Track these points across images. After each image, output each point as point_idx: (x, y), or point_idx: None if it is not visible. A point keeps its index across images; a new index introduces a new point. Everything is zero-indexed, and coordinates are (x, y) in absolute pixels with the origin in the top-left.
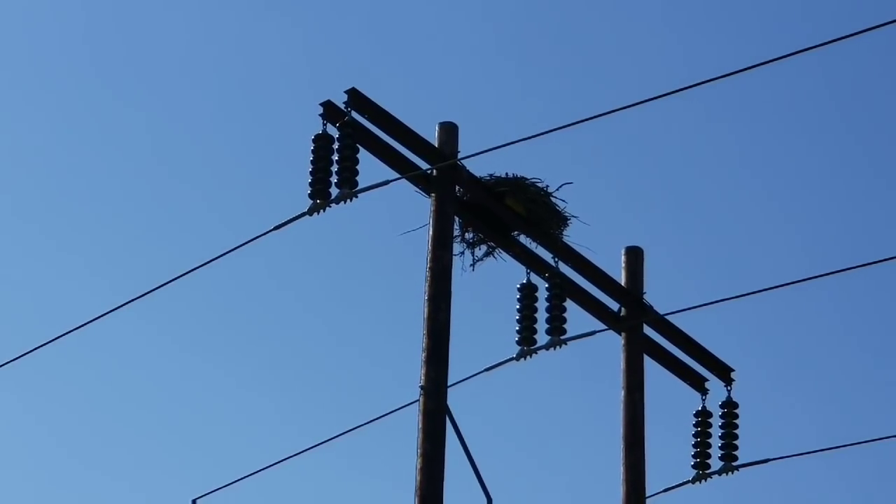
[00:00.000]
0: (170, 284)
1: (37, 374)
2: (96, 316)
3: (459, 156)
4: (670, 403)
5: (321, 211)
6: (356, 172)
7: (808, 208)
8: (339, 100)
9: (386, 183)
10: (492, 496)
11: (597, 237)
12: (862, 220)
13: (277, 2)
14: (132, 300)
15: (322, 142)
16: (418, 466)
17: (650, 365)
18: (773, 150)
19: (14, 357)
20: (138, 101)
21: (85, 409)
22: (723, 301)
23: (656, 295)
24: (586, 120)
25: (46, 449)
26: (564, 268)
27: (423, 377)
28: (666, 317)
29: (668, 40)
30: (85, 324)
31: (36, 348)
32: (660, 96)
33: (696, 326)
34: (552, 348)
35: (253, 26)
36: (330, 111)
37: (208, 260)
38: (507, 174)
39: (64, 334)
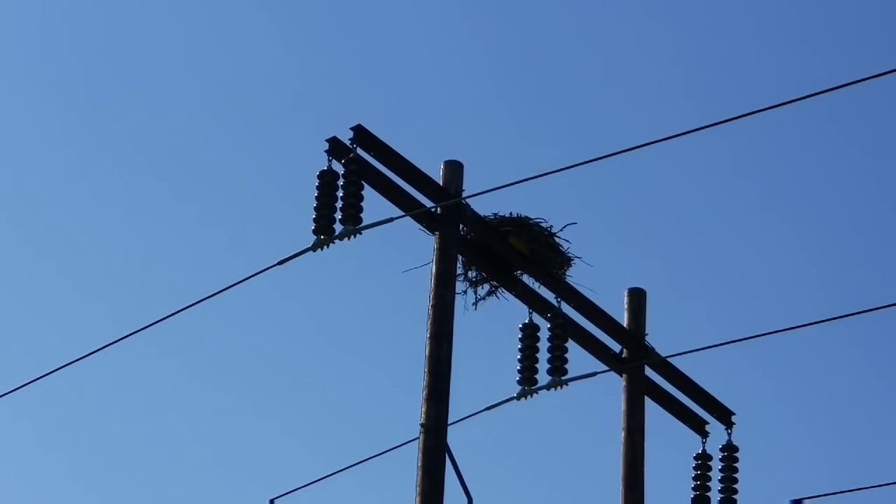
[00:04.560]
0: (172, 317)
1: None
2: (100, 347)
3: (464, 194)
4: (671, 445)
5: (325, 247)
6: (360, 209)
7: (812, 252)
8: (345, 136)
9: (390, 220)
10: None
11: (600, 278)
12: (867, 264)
13: (284, 37)
14: (135, 332)
15: (327, 178)
16: None
17: (651, 406)
18: (777, 194)
19: (20, 384)
20: (145, 135)
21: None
22: (725, 344)
23: (658, 337)
24: (591, 161)
25: (49, 477)
26: (567, 308)
27: (423, 415)
28: (667, 359)
29: (672, 83)
30: (87, 355)
31: (43, 376)
32: (664, 139)
33: (697, 369)
34: (553, 388)
35: (260, 62)
36: (335, 147)
37: (212, 293)
38: (511, 213)
39: (65, 365)
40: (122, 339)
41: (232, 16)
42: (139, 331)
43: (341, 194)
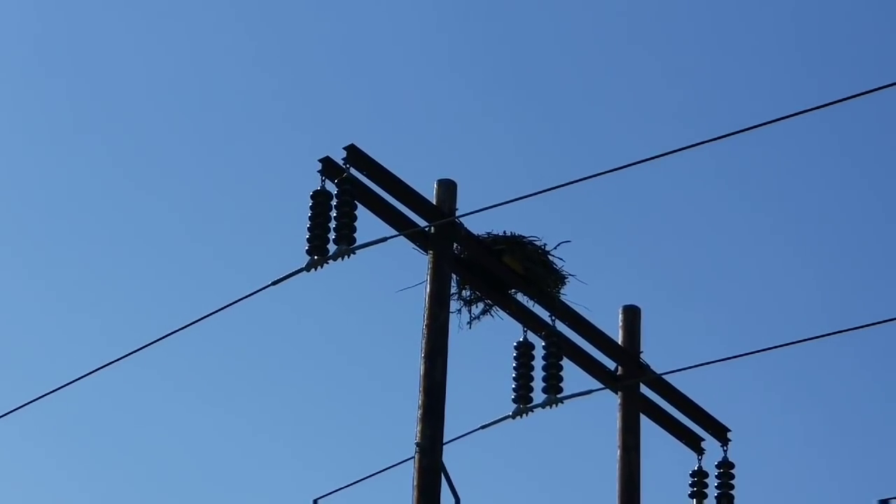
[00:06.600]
0: (167, 339)
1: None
2: (97, 367)
3: (457, 213)
4: (666, 462)
5: (319, 267)
6: (354, 229)
7: (806, 269)
8: (338, 156)
9: (384, 240)
10: None
11: (594, 296)
12: (860, 281)
13: (277, 58)
14: (131, 353)
15: (320, 198)
16: None
17: (646, 423)
18: (771, 211)
19: (23, 403)
20: (138, 157)
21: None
22: (719, 361)
23: (653, 354)
24: (584, 179)
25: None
26: (561, 326)
27: (418, 434)
28: (662, 376)
29: (665, 100)
30: (84, 376)
31: (44, 395)
32: (658, 156)
33: (692, 386)
34: (548, 406)
35: (253, 83)
36: (329, 167)
37: (206, 314)
38: (504, 232)
39: (64, 386)
40: (117, 360)
41: (226, 35)
42: (136, 351)
43: (335, 214)
